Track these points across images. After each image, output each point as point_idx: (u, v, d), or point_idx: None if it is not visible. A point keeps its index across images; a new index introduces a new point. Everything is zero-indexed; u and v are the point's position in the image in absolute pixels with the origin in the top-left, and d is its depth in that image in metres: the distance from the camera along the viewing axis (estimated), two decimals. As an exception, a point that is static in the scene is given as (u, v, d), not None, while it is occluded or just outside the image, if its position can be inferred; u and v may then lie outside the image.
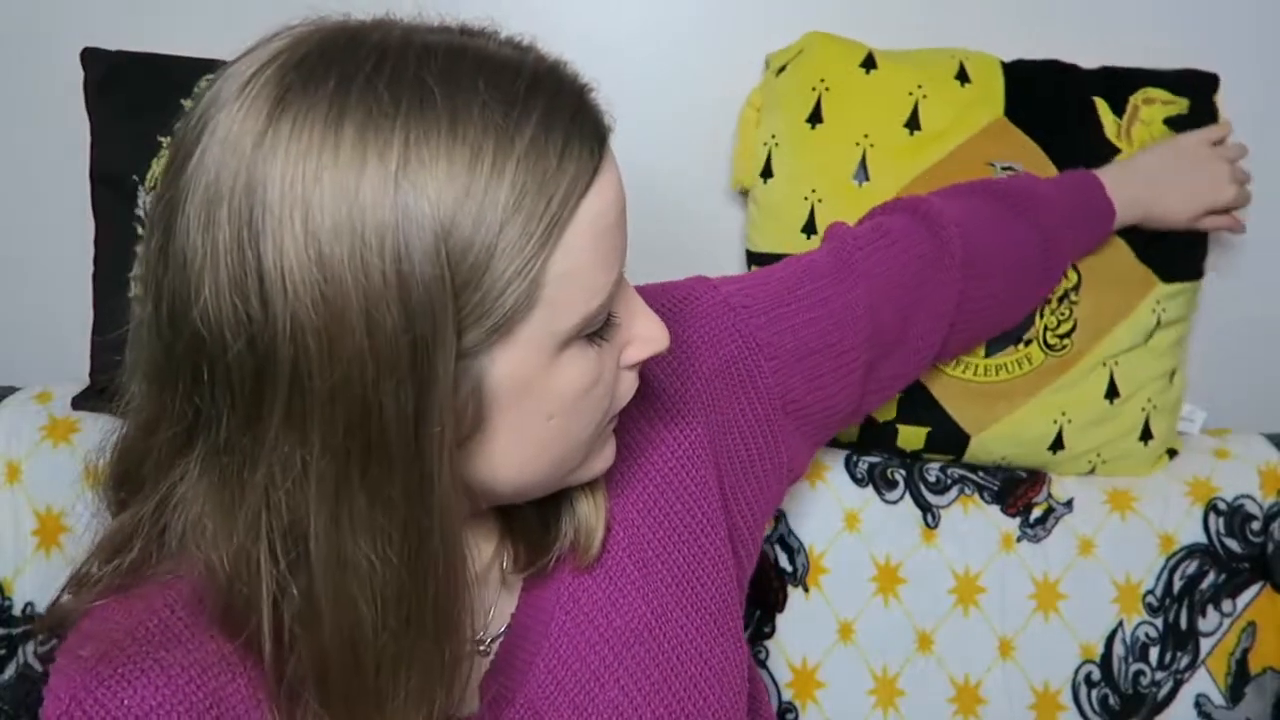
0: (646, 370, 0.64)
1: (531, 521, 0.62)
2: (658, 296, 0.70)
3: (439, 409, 0.47)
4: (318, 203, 0.44)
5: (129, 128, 1.00)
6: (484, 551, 0.63)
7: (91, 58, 1.03)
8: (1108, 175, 0.91)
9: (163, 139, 0.99)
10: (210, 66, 1.02)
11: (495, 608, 0.63)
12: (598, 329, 0.52)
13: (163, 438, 0.51)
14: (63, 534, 0.93)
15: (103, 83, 1.01)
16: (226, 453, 0.48)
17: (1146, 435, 1.00)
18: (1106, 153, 0.98)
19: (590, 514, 0.62)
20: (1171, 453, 1.03)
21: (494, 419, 0.51)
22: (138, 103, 1.01)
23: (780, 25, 1.05)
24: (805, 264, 0.77)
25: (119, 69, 1.02)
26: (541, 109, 0.47)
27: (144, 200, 0.99)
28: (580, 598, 0.62)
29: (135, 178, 0.99)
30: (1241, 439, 1.04)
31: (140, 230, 0.99)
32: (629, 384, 0.57)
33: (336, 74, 0.46)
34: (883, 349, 0.77)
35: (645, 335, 0.56)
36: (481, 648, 0.61)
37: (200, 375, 0.47)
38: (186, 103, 1.00)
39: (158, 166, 0.98)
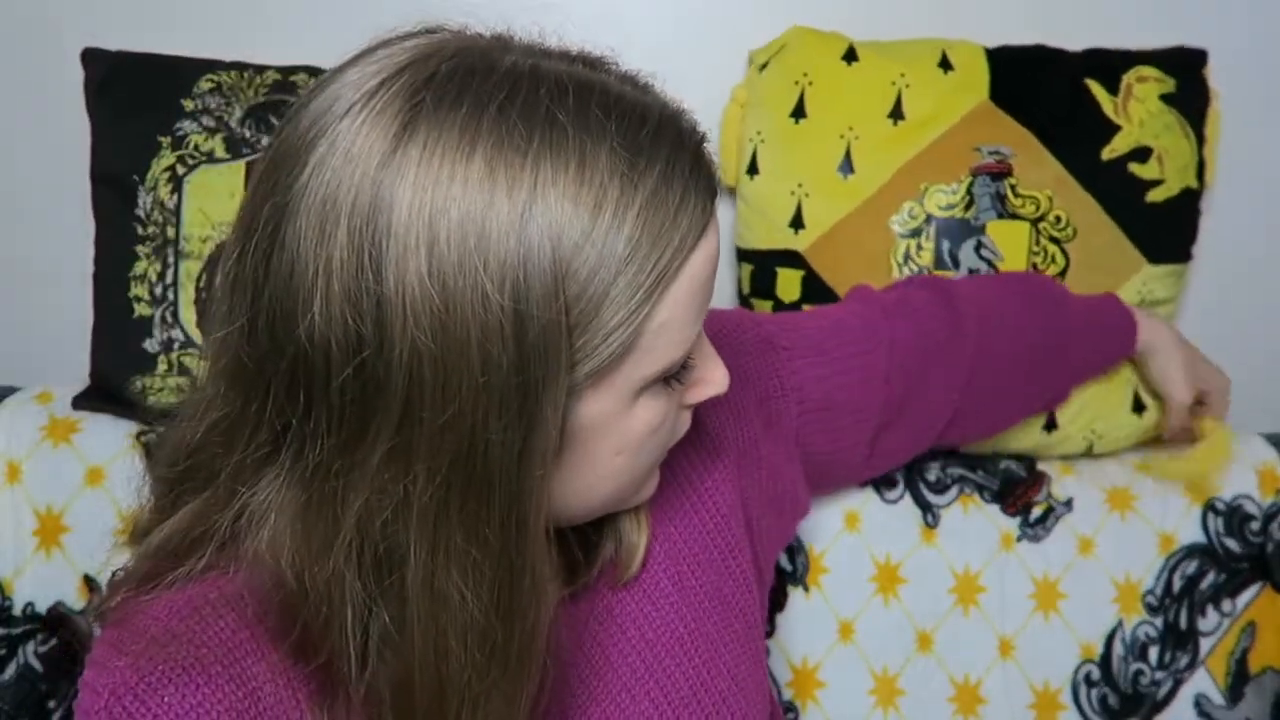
0: None
1: (573, 539, 0.62)
2: (708, 322, 0.71)
3: (542, 451, 0.47)
4: (444, 231, 0.43)
5: (129, 128, 1.00)
6: None
7: (91, 58, 1.03)
8: (1135, 310, 0.93)
9: (163, 139, 0.99)
10: (210, 66, 1.02)
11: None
12: (675, 373, 0.53)
13: (243, 446, 0.50)
14: (63, 534, 0.93)
15: (103, 83, 1.01)
16: (320, 474, 0.47)
17: (1139, 406, 1.00)
18: (1107, 131, 0.98)
19: (633, 531, 0.62)
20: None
21: (568, 454, 0.51)
22: (138, 103, 1.01)
23: (763, 22, 1.05)
24: (835, 320, 0.79)
25: (119, 69, 1.02)
26: (664, 159, 0.47)
27: (144, 200, 0.99)
28: (616, 611, 0.63)
29: (135, 178, 0.99)
30: (1240, 439, 1.04)
31: (141, 230, 0.99)
32: (685, 421, 0.58)
33: (470, 99, 0.45)
34: (888, 418, 0.79)
35: (710, 379, 0.57)
36: None
37: (298, 392, 0.46)
38: (187, 103, 1.00)
39: (158, 167, 0.98)
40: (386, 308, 0.43)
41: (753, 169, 1.01)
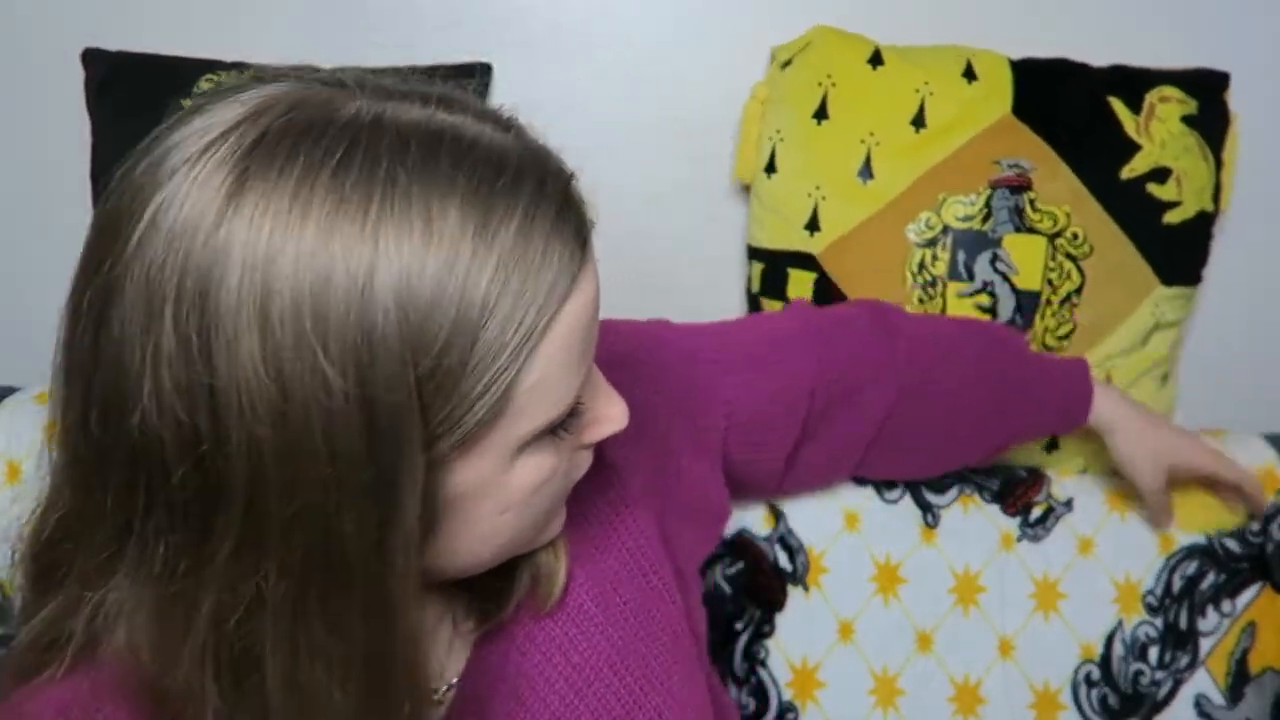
0: None
1: (484, 578, 0.57)
2: (628, 340, 0.70)
3: (403, 536, 0.44)
4: (277, 312, 0.39)
5: (129, 128, 0.99)
6: (432, 611, 0.60)
7: (91, 58, 1.03)
8: (1103, 385, 0.89)
9: (163, 139, 0.99)
10: (210, 66, 1.02)
11: (449, 657, 0.60)
12: (561, 423, 0.49)
13: (88, 544, 0.46)
14: (63, 534, 0.93)
15: (103, 83, 1.02)
16: (167, 573, 0.44)
17: None
18: (1127, 150, 0.98)
19: (550, 561, 0.59)
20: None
21: (445, 522, 0.48)
22: (138, 103, 1.01)
23: (785, 18, 1.05)
24: (769, 331, 0.79)
25: (119, 69, 1.02)
26: (523, 209, 0.43)
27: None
28: (539, 639, 0.60)
29: (135, 178, 0.99)
30: (1239, 440, 1.04)
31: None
32: (585, 461, 0.55)
33: (302, 160, 0.41)
34: (809, 433, 0.79)
35: (606, 416, 0.53)
36: (436, 696, 0.59)
37: (136, 487, 0.43)
38: (186, 103, 1.00)
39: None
40: (220, 398, 0.40)
41: (771, 167, 1.00)
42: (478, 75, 1.06)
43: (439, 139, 0.43)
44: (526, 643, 0.60)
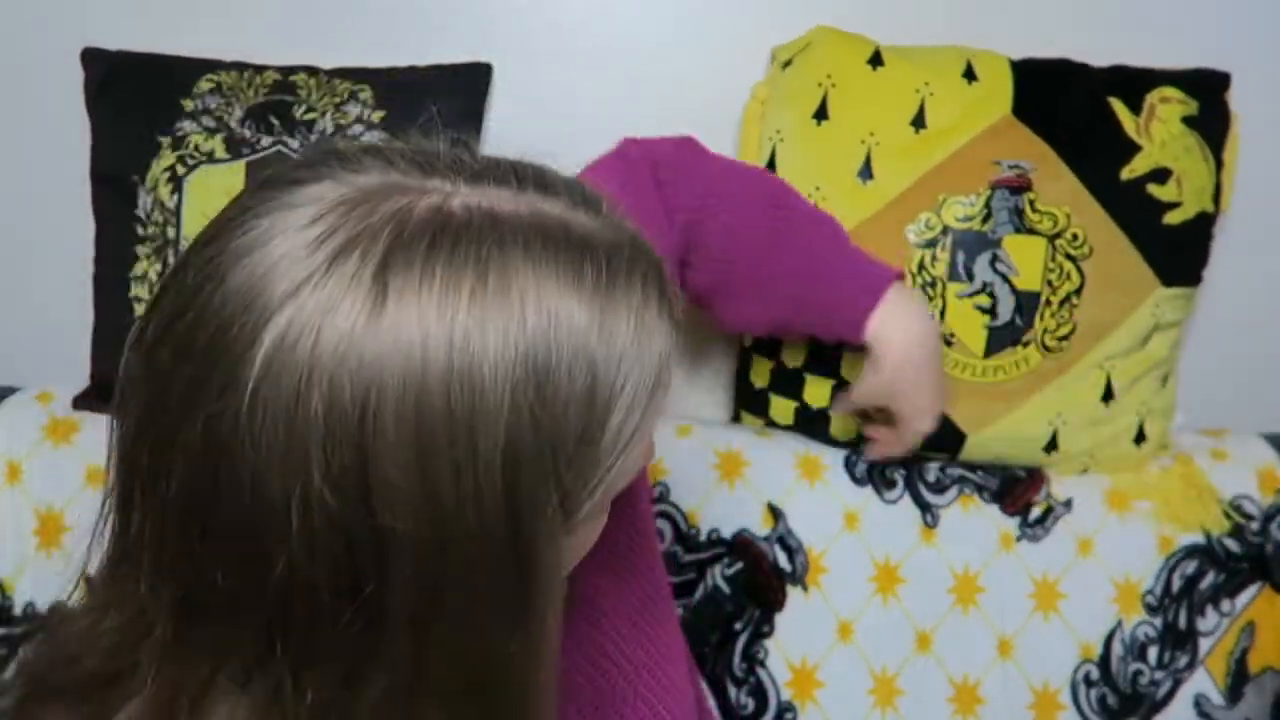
0: None
1: None
2: None
3: (548, 630, 0.44)
4: (430, 437, 0.38)
5: (129, 128, 1.00)
6: None
7: (91, 58, 1.03)
8: (900, 299, 0.83)
9: (163, 139, 0.99)
10: (210, 66, 1.02)
11: None
12: None
13: (185, 670, 0.43)
14: (64, 534, 0.93)
15: (103, 83, 1.02)
16: (311, 715, 0.42)
17: (1140, 438, 1.00)
18: (1127, 151, 0.97)
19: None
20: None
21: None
22: (138, 103, 1.01)
23: (784, 19, 1.05)
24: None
25: (119, 69, 1.02)
26: (637, 306, 0.43)
27: (144, 200, 0.99)
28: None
29: (135, 178, 0.99)
30: (1239, 440, 1.05)
31: (141, 230, 0.99)
32: None
33: (439, 280, 0.39)
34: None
35: (648, 455, 0.54)
36: None
37: (271, 629, 0.40)
38: (187, 103, 1.00)
39: (158, 167, 0.99)
40: (385, 536, 0.38)
41: (770, 167, 1.00)
42: (478, 75, 1.06)
43: (557, 240, 0.42)
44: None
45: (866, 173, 0.97)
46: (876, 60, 1.00)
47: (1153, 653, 0.96)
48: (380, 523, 0.38)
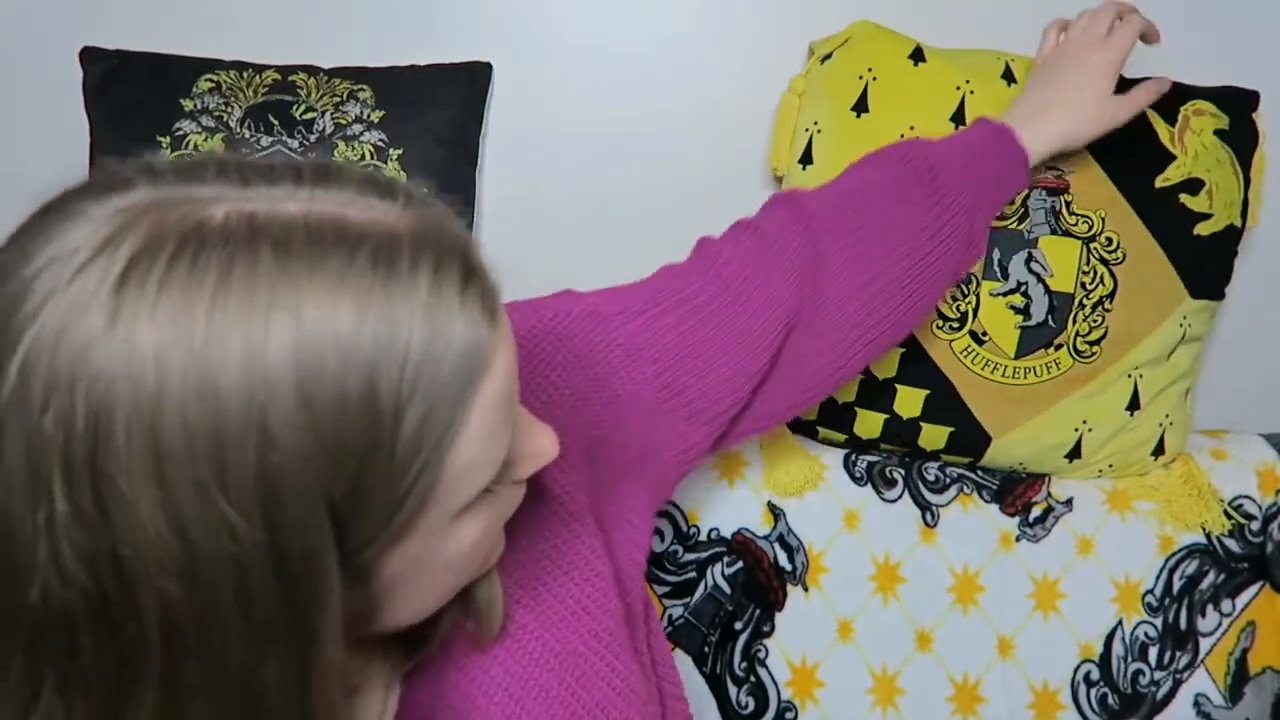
0: None
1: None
2: (526, 317, 0.67)
3: (323, 664, 0.42)
4: (170, 462, 0.37)
5: (128, 128, 1.00)
6: (366, 652, 0.58)
7: (90, 57, 1.03)
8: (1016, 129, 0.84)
9: (162, 139, 0.99)
10: (210, 66, 1.02)
11: (389, 695, 0.59)
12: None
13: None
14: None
15: (102, 82, 1.02)
16: None
17: (1159, 450, 1.00)
18: (1162, 159, 0.97)
19: (487, 593, 0.57)
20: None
21: (389, 600, 0.46)
22: (137, 103, 1.01)
23: (821, 13, 1.05)
24: (672, 269, 0.76)
25: (118, 69, 1.02)
26: (424, 300, 0.40)
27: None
28: (475, 659, 0.59)
29: (135, 177, 0.99)
30: (1239, 440, 1.04)
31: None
32: (519, 494, 0.53)
33: (178, 292, 0.37)
34: (786, 326, 0.74)
35: (536, 451, 0.51)
36: None
37: (43, 659, 0.40)
38: (186, 102, 1.00)
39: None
40: (125, 562, 0.37)
41: (807, 159, 1.00)
42: (478, 75, 1.06)
43: (322, 235, 0.39)
44: (464, 661, 0.59)
45: None
46: (918, 56, 0.99)
47: (1153, 653, 0.96)
48: (122, 552, 0.37)
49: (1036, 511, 0.98)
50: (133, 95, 1.01)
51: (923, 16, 1.05)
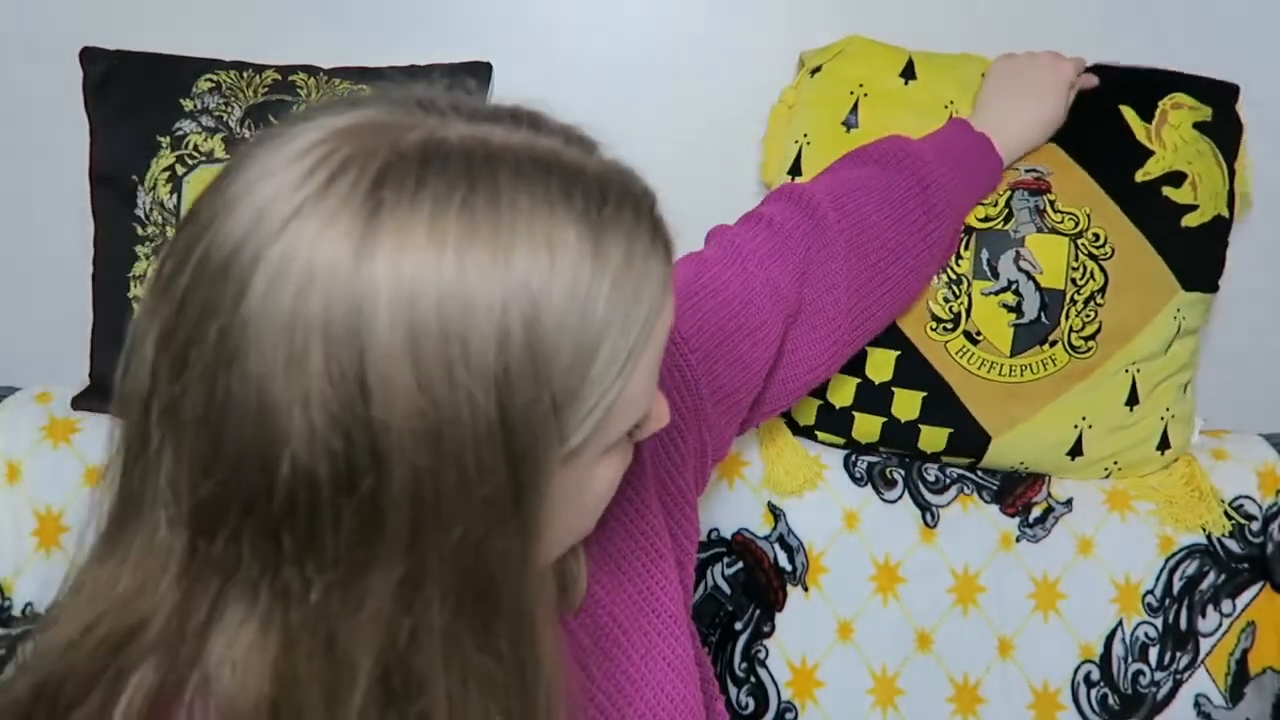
0: None
1: None
2: None
3: (541, 548, 0.46)
4: (426, 344, 0.40)
5: (128, 128, 1.00)
6: None
7: (90, 57, 1.03)
8: (978, 122, 0.93)
9: (162, 139, 0.99)
10: (210, 66, 1.02)
11: None
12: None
13: (209, 601, 0.45)
14: (63, 534, 0.93)
15: (102, 82, 1.01)
16: (317, 617, 0.43)
17: (1164, 444, 1.00)
18: (1139, 155, 0.98)
19: (573, 566, 0.61)
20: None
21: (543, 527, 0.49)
22: (137, 103, 1.01)
23: (812, 25, 1.05)
24: (694, 260, 0.79)
25: (118, 69, 1.02)
26: (626, 233, 0.45)
27: (143, 200, 0.99)
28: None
29: (135, 178, 0.99)
30: (1240, 440, 1.05)
31: (140, 230, 0.99)
32: (629, 458, 0.56)
33: (430, 196, 0.41)
34: (790, 317, 0.78)
35: (657, 414, 0.54)
36: None
37: (281, 529, 0.42)
38: (186, 102, 1.00)
39: (157, 167, 0.98)
40: (379, 430, 0.40)
41: (795, 170, 1.00)
42: (478, 75, 1.06)
43: (549, 165, 0.44)
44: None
45: None
46: (909, 73, 1.00)
47: (1153, 653, 0.96)
48: (375, 416, 0.40)
49: (1036, 512, 0.98)
50: (133, 95, 1.01)
51: (912, 25, 1.06)
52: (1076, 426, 0.98)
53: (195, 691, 0.46)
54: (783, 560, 0.96)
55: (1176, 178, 0.98)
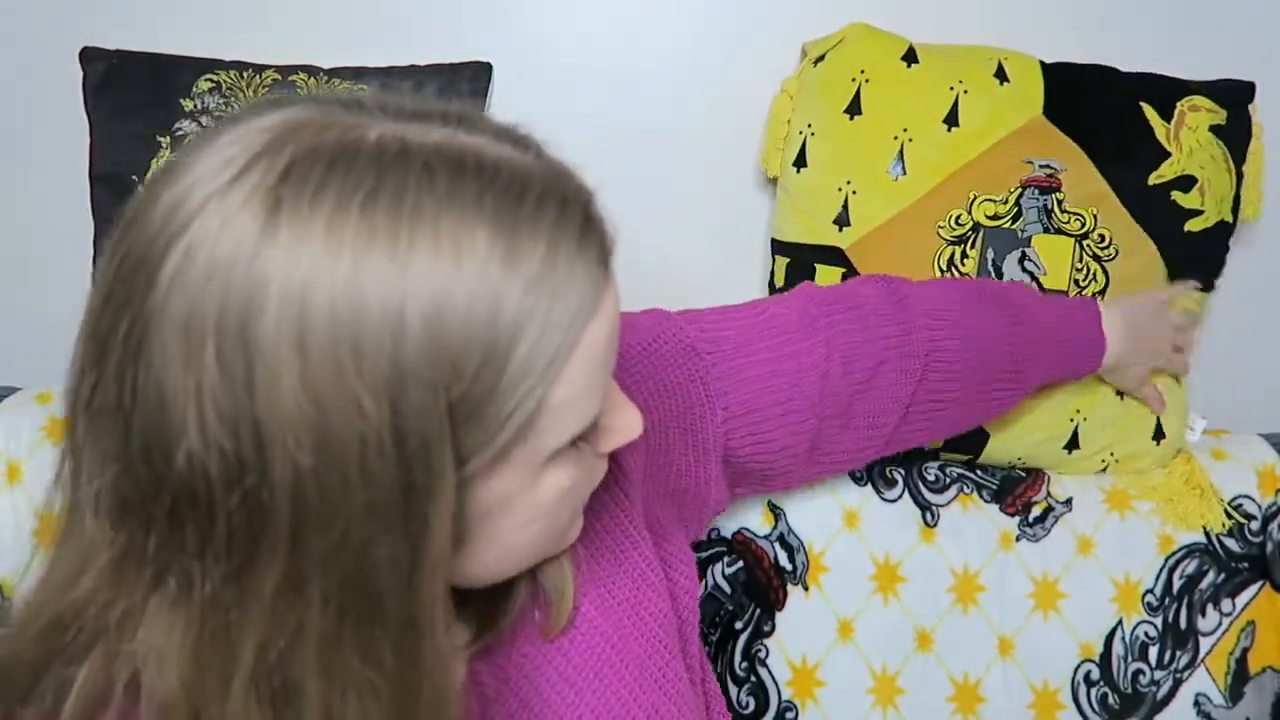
0: None
1: (484, 590, 0.57)
2: (624, 334, 0.69)
3: (433, 560, 0.45)
4: (314, 343, 0.40)
5: (128, 127, 1.00)
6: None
7: (90, 57, 1.03)
8: (1107, 313, 0.90)
9: (162, 139, 0.99)
10: (210, 66, 1.02)
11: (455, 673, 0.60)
12: (582, 435, 0.50)
13: (129, 588, 0.46)
14: (63, 534, 0.93)
15: (102, 82, 1.02)
16: (211, 606, 0.44)
17: (1159, 434, 1.00)
18: (1156, 156, 0.98)
19: (558, 581, 0.60)
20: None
21: (473, 536, 0.49)
22: (137, 102, 1.01)
23: (813, 15, 1.05)
24: (770, 315, 0.77)
25: (118, 68, 1.02)
26: (548, 233, 0.44)
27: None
28: (542, 646, 0.61)
29: (134, 177, 0.99)
30: (1239, 440, 1.05)
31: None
32: (601, 468, 0.56)
33: (333, 194, 0.41)
34: (830, 420, 0.76)
35: (622, 425, 0.54)
36: None
37: (182, 523, 0.43)
38: (186, 102, 1.00)
39: (157, 166, 0.98)
40: (264, 428, 0.41)
41: (800, 161, 1.00)
42: (478, 75, 1.06)
43: (463, 164, 0.43)
44: (529, 650, 0.60)
45: (900, 168, 0.98)
46: (911, 58, 1.00)
47: (1153, 652, 0.96)
48: (260, 414, 0.40)
49: (1036, 511, 0.98)
50: (133, 95, 1.01)
51: (914, 15, 1.06)
52: (1072, 420, 0.98)
53: (128, 683, 0.47)
54: (783, 559, 0.96)
55: (1187, 182, 0.98)
